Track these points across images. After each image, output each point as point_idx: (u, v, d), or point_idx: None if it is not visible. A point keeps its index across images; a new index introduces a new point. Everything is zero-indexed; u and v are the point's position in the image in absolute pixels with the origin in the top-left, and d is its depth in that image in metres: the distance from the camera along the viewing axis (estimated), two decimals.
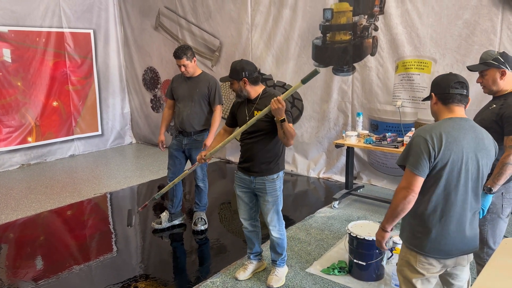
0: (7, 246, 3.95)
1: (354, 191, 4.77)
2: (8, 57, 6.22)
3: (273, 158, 2.88)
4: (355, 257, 3.11)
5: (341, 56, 5.24)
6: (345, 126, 5.35)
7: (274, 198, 2.92)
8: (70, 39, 6.93)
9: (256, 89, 2.85)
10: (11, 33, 6.23)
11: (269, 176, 2.87)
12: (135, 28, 7.52)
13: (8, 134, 6.32)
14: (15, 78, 6.34)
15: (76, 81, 7.11)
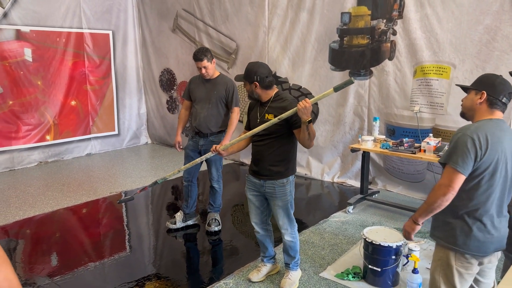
0: (24, 241, 4.02)
1: (369, 196, 4.72)
2: (29, 57, 6.35)
3: (283, 161, 2.86)
4: (370, 262, 3.08)
5: (358, 60, 5.20)
6: (361, 131, 5.31)
7: (285, 202, 2.90)
8: (89, 40, 7.03)
9: (268, 93, 2.84)
10: (33, 33, 6.35)
11: (279, 181, 2.85)
12: (153, 30, 7.60)
13: (27, 132, 6.44)
14: (35, 77, 6.46)
15: (94, 81, 7.21)
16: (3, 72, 6.09)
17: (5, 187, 5.46)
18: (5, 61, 6.10)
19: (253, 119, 2.92)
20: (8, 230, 4.18)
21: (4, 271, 1.28)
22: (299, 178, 5.84)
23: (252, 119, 2.93)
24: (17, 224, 4.32)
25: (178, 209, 4.54)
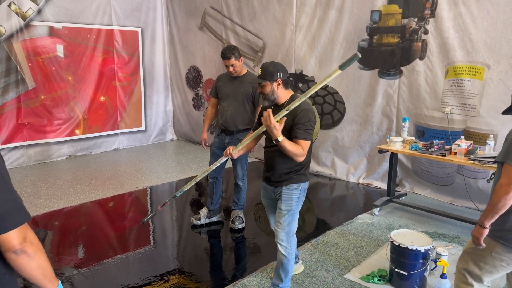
0: (52, 233, 4.12)
1: (396, 198, 4.62)
2: (61, 52, 6.51)
3: (294, 168, 2.67)
4: (397, 266, 3.01)
5: (387, 59, 5.10)
6: (389, 131, 5.21)
7: (288, 207, 2.69)
8: (119, 37, 7.16)
9: (285, 94, 2.65)
10: (65, 30, 6.51)
11: (288, 185, 2.69)
12: (181, 28, 7.67)
13: (58, 126, 6.61)
14: (66, 73, 6.61)
15: (123, 78, 7.34)
16: (36, 68, 6.26)
17: (35, 179, 5.61)
18: (38, 57, 6.27)
19: None
20: (38, 221, 4.30)
21: (38, 259, 1.31)
22: (324, 178, 5.78)
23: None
24: (46, 215, 4.44)
25: (201, 205, 4.57)
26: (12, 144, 6.13)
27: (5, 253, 1.26)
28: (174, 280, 3.15)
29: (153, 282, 3.12)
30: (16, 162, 6.16)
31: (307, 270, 3.25)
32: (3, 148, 6.01)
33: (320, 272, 3.23)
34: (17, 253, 1.26)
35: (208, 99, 7.45)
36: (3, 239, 1.24)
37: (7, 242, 1.24)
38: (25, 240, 1.27)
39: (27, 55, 6.16)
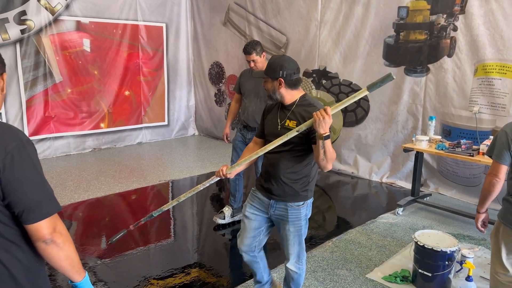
0: (76, 223, 4.21)
1: (420, 198, 4.53)
2: (87, 47, 6.63)
3: (301, 181, 2.33)
4: (421, 267, 2.95)
5: (414, 56, 4.99)
6: (415, 130, 5.10)
7: (297, 228, 2.38)
8: (144, 32, 7.24)
9: (292, 94, 2.29)
10: (91, 24, 6.62)
11: (293, 203, 2.34)
12: (204, 23, 7.70)
13: (83, 119, 6.74)
14: (92, 67, 6.73)
15: (147, 73, 7.42)
16: (63, 62, 6.40)
17: (61, 170, 5.74)
18: (65, 51, 6.40)
19: (270, 125, 2.38)
20: (63, 211, 4.40)
21: (67, 249, 1.33)
22: (345, 176, 5.72)
23: (270, 124, 2.39)
24: (71, 206, 4.53)
25: (222, 201, 4.57)
26: (39, 136, 6.28)
27: (36, 243, 1.28)
28: (195, 274, 3.17)
29: (174, 274, 3.15)
30: (42, 154, 6.31)
31: (328, 268, 3.23)
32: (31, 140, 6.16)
33: (341, 270, 3.20)
34: (47, 243, 1.28)
35: (230, 95, 7.46)
36: (34, 229, 1.26)
37: (38, 231, 1.26)
38: (55, 230, 1.29)
39: (55, 49, 6.29)
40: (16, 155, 1.23)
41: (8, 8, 5.76)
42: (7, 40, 5.82)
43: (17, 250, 1.30)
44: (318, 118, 1.99)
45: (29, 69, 6.11)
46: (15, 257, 1.29)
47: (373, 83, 1.95)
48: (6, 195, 1.22)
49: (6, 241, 1.27)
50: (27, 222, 1.25)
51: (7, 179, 1.21)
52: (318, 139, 2.05)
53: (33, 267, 1.34)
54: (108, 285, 3.01)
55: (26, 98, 6.12)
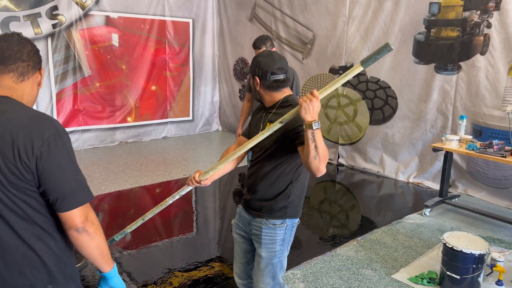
0: (103, 214, 4.29)
1: (448, 199, 4.42)
2: (116, 42, 6.73)
3: (278, 194, 1.96)
4: (449, 269, 2.88)
5: (446, 53, 4.86)
6: (444, 129, 4.97)
7: (270, 254, 1.99)
8: (171, 27, 7.30)
9: (272, 96, 1.97)
10: (120, 19, 6.72)
11: (269, 220, 1.99)
12: (230, 19, 7.71)
13: (111, 113, 6.86)
14: (121, 62, 6.84)
15: (173, 68, 7.49)
16: (92, 56, 6.52)
17: (89, 162, 5.87)
18: (94, 45, 6.52)
19: (254, 128, 2.07)
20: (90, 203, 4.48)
21: (98, 239, 1.35)
22: (371, 175, 5.63)
23: (254, 127, 2.08)
24: (98, 198, 4.62)
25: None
26: (68, 128, 6.42)
27: (68, 231, 1.31)
28: (219, 268, 3.18)
29: (198, 267, 3.17)
30: None
31: (352, 267, 3.19)
32: None
33: (366, 270, 3.15)
34: (79, 231, 1.30)
35: None
36: (67, 217, 1.28)
37: (71, 220, 1.28)
38: (87, 219, 1.31)
39: (85, 44, 6.42)
40: (52, 144, 1.25)
41: (41, 3, 5.91)
42: (39, 34, 5.98)
43: (50, 239, 1.32)
44: (304, 102, 1.63)
45: (60, 63, 6.25)
46: (47, 245, 1.32)
47: (367, 56, 1.62)
48: (42, 182, 1.24)
49: (39, 229, 1.30)
50: (61, 210, 1.27)
51: (44, 167, 1.23)
52: (307, 130, 1.64)
53: (64, 257, 1.37)
54: (133, 275, 3.05)
55: (56, 91, 6.27)
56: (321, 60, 6.17)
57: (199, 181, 2.03)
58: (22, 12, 5.79)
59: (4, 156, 1.20)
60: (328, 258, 3.33)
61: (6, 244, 1.27)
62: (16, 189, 1.23)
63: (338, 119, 6.10)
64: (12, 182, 1.22)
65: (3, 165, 1.21)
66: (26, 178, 1.23)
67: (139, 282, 2.96)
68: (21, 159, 1.21)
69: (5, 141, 1.21)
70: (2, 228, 1.26)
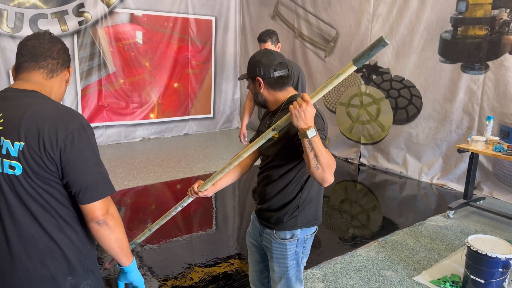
0: (125, 209, 4.37)
1: (473, 202, 4.32)
2: (140, 39, 6.82)
3: (286, 203, 1.83)
4: (473, 273, 2.81)
5: (473, 52, 4.74)
6: (470, 130, 4.85)
7: (283, 269, 1.89)
8: (193, 25, 7.35)
9: (276, 96, 1.84)
10: (144, 17, 6.80)
11: (278, 233, 1.86)
12: (253, 17, 7.71)
13: (134, 109, 6.96)
14: (144, 59, 6.93)
15: (195, 65, 7.54)
16: (116, 53, 6.63)
17: (112, 158, 5.97)
18: (119, 43, 6.62)
19: (260, 133, 1.95)
20: (113, 197, 4.57)
21: (118, 232, 1.37)
22: (393, 175, 5.55)
23: (260, 132, 1.97)
24: (121, 192, 4.70)
25: None
26: (92, 124, 6.53)
27: (89, 223, 1.33)
28: (238, 264, 3.20)
29: (218, 264, 3.19)
30: None
31: (373, 268, 3.15)
32: None
33: (387, 271, 3.11)
34: (99, 224, 1.32)
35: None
36: (89, 209, 1.31)
37: (92, 212, 1.31)
38: (108, 212, 1.34)
39: (109, 41, 6.53)
40: (77, 136, 1.28)
41: (68, 0, 6.04)
42: (66, 32, 6.10)
43: (71, 231, 1.35)
44: (294, 109, 1.49)
45: (85, 60, 6.37)
46: (69, 237, 1.35)
47: (360, 54, 1.43)
48: (65, 174, 1.28)
49: (62, 221, 1.33)
50: (83, 202, 1.30)
51: (67, 158, 1.27)
52: (302, 139, 1.51)
53: (84, 250, 1.40)
54: (154, 269, 3.10)
55: (81, 87, 6.40)
56: (344, 58, 6.11)
57: (197, 192, 1.92)
58: (50, 9, 5.92)
59: (30, 147, 1.24)
60: (349, 258, 3.30)
61: (29, 234, 1.30)
62: (41, 180, 1.27)
63: (360, 118, 6.03)
64: (37, 173, 1.26)
65: (29, 156, 1.24)
66: (50, 169, 1.26)
67: (160, 276, 3.00)
68: (46, 151, 1.24)
69: (32, 133, 1.25)
70: (26, 218, 1.29)
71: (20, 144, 1.24)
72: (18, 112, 1.27)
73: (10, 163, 1.25)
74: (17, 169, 1.26)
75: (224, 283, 2.93)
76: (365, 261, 3.26)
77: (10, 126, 1.26)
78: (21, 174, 1.26)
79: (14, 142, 1.25)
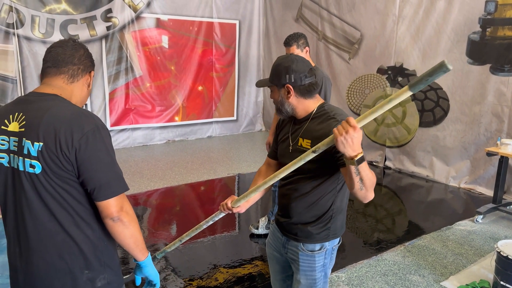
0: (150, 209, 4.45)
1: (502, 206, 4.20)
2: (165, 43, 6.95)
3: (318, 217, 1.75)
4: (503, 279, 2.75)
5: (502, 54, 4.63)
6: (499, 133, 4.73)
7: (310, 281, 1.82)
8: (218, 29, 7.43)
9: (306, 104, 1.73)
10: (170, 22, 6.93)
11: (307, 245, 1.78)
12: (276, 20, 7.73)
13: (160, 112, 7.08)
14: (170, 63, 7.05)
15: (219, 69, 7.62)
16: (143, 57, 6.77)
17: (139, 159, 6.09)
18: (145, 47, 6.76)
19: (282, 145, 1.86)
20: (139, 198, 4.67)
21: (132, 228, 1.43)
22: (419, 179, 5.46)
23: (282, 144, 1.87)
24: (147, 193, 4.80)
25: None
26: (120, 126, 6.71)
27: (104, 219, 1.39)
28: (262, 266, 3.21)
29: (243, 265, 3.22)
30: (122, 143, 6.73)
31: (399, 272, 3.11)
32: (112, 130, 6.60)
33: (414, 276, 3.07)
34: (114, 220, 1.38)
35: None
36: (104, 206, 1.37)
37: (107, 208, 1.37)
38: (122, 209, 1.39)
39: (136, 45, 6.67)
40: (91, 137, 1.34)
41: (96, 6, 6.21)
42: (95, 36, 6.28)
43: (87, 228, 1.42)
44: (339, 135, 1.39)
45: (113, 64, 6.54)
46: (85, 233, 1.41)
47: (417, 78, 1.27)
48: (80, 173, 1.34)
49: (78, 218, 1.40)
50: (98, 199, 1.36)
51: (82, 158, 1.33)
52: (349, 165, 1.46)
53: (101, 245, 1.45)
54: (180, 269, 3.15)
55: (109, 91, 6.56)
56: (368, 60, 6.06)
57: (231, 208, 1.85)
58: (79, 15, 6.11)
59: (48, 147, 1.32)
60: (374, 262, 3.27)
61: (47, 229, 1.38)
62: (59, 179, 1.34)
63: (385, 120, 5.96)
64: (55, 172, 1.33)
65: (47, 155, 1.32)
66: (67, 168, 1.33)
67: (185, 276, 3.05)
68: (62, 150, 1.31)
69: (49, 134, 1.32)
70: (45, 214, 1.37)
71: (39, 145, 1.32)
72: (38, 115, 1.35)
73: (31, 162, 1.33)
74: (37, 168, 1.33)
75: (248, 285, 2.96)
76: (391, 265, 3.22)
77: (31, 128, 1.34)
78: (41, 173, 1.33)
79: (34, 142, 1.33)
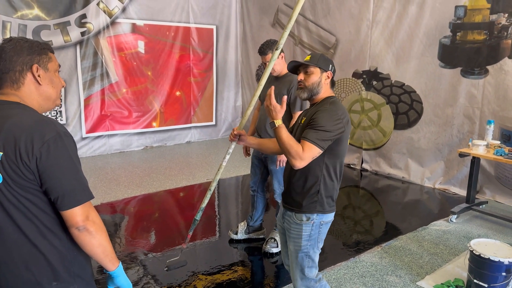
0: (128, 217, 4.38)
1: (475, 206, 4.32)
2: (142, 49, 6.89)
3: (307, 188, 2.03)
4: (476, 277, 2.82)
5: (472, 57, 4.77)
6: (471, 134, 4.87)
7: (297, 248, 2.08)
8: (195, 34, 7.42)
9: (325, 92, 2.10)
10: (146, 27, 6.87)
11: (297, 215, 2.07)
12: (253, 25, 7.77)
13: (137, 118, 7.01)
14: (146, 68, 6.99)
15: (197, 74, 7.60)
16: (119, 62, 6.69)
17: (115, 167, 6.00)
18: (121, 52, 6.69)
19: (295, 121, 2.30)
20: (117, 206, 4.60)
21: (99, 238, 1.39)
22: (396, 180, 5.56)
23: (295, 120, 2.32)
24: (124, 201, 4.73)
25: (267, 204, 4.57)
26: (96, 133, 6.60)
27: (70, 229, 1.36)
28: (242, 271, 3.21)
29: (222, 271, 3.21)
30: (98, 150, 6.63)
31: (376, 274, 3.16)
32: (88, 137, 6.49)
33: (390, 277, 3.12)
34: (79, 230, 1.35)
35: None
36: (68, 215, 1.34)
37: (71, 218, 1.34)
38: (88, 218, 1.36)
39: (112, 51, 6.59)
40: (52, 145, 1.31)
41: (70, 11, 6.11)
42: (69, 42, 6.17)
43: (54, 238, 1.38)
44: (265, 104, 1.93)
45: (88, 70, 6.44)
46: (52, 244, 1.37)
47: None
48: (43, 182, 1.31)
49: (44, 228, 1.36)
50: (62, 208, 1.33)
51: (44, 166, 1.30)
52: (272, 128, 1.91)
53: (70, 256, 1.41)
54: (158, 277, 3.11)
55: (84, 97, 6.45)
56: (344, 64, 6.15)
57: (238, 134, 2.28)
58: (52, 20, 6.00)
59: (8, 156, 1.28)
60: (352, 264, 3.31)
61: (13, 240, 1.34)
62: (21, 188, 1.30)
63: (361, 123, 6.05)
64: (16, 182, 1.29)
65: (7, 165, 1.28)
66: (28, 177, 1.29)
67: (164, 284, 3.01)
68: (22, 159, 1.28)
69: (9, 143, 1.28)
70: (9, 225, 1.33)
71: (0, 155, 1.28)
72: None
73: None
74: None
75: None
76: (368, 267, 3.26)
77: None
78: (2, 183, 1.30)
79: None
